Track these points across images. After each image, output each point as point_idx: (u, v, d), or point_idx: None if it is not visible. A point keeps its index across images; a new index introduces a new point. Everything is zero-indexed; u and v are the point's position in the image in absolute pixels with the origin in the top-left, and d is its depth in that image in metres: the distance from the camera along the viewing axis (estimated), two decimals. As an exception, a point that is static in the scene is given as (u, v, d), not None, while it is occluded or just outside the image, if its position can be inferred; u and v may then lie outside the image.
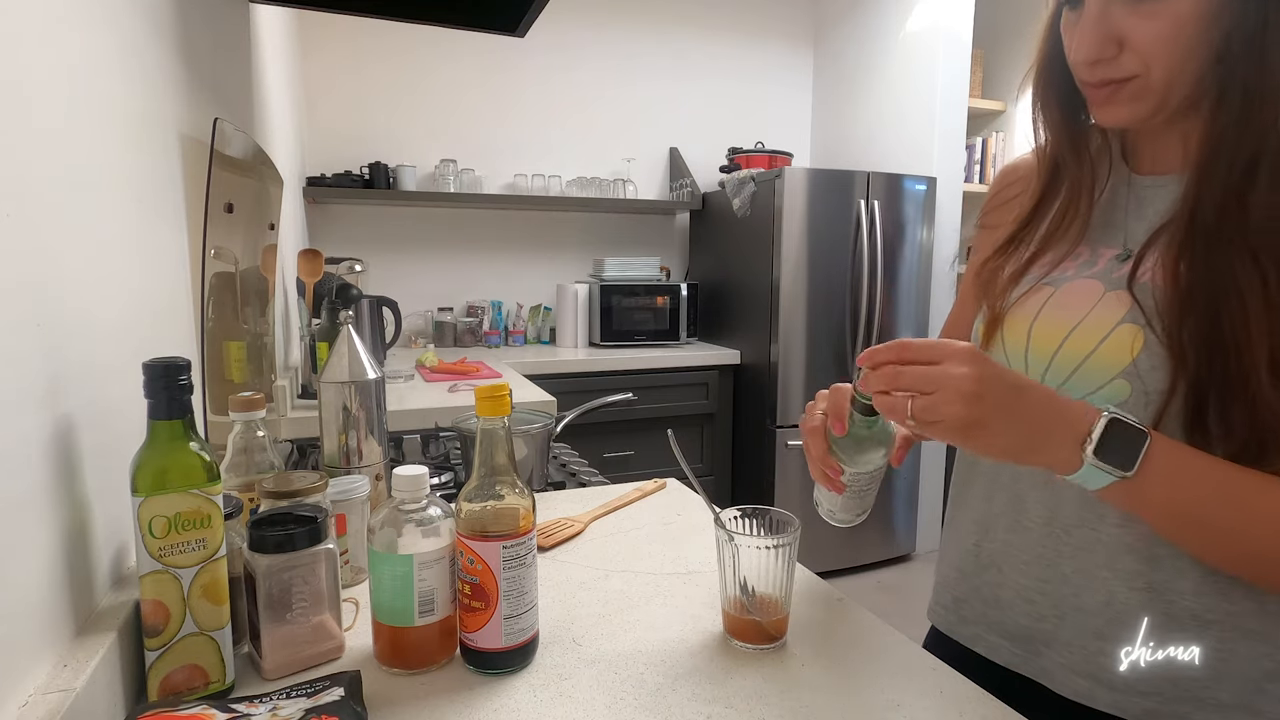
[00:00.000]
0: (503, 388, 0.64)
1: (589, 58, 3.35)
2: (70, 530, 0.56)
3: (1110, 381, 0.61)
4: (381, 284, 3.01)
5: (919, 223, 3.03)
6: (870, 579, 3.03)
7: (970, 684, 0.65)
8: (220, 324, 1.03)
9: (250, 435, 0.77)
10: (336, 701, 0.56)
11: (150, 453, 0.57)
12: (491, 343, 3.18)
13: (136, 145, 0.76)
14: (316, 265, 1.91)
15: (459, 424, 1.18)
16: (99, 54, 0.68)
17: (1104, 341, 0.62)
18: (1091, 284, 0.65)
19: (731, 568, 0.69)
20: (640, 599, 0.80)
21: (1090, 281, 0.65)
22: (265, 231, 1.37)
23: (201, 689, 0.60)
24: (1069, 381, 0.64)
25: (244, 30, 1.50)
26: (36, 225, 0.53)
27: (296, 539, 0.64)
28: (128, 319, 0.72)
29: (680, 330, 3.20)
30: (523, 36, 1.56)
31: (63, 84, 0.59)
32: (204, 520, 0.58)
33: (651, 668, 0.67)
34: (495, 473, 0.65)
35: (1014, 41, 3.75)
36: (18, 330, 0.50)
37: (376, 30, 2.96)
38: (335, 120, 3.01)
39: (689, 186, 3.36)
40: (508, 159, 3.25)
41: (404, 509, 0.65)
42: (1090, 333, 0.63)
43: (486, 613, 0.64)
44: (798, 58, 3.75)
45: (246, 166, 1.19)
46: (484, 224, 3.27)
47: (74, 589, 0.56)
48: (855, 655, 0.70)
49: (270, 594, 0.63)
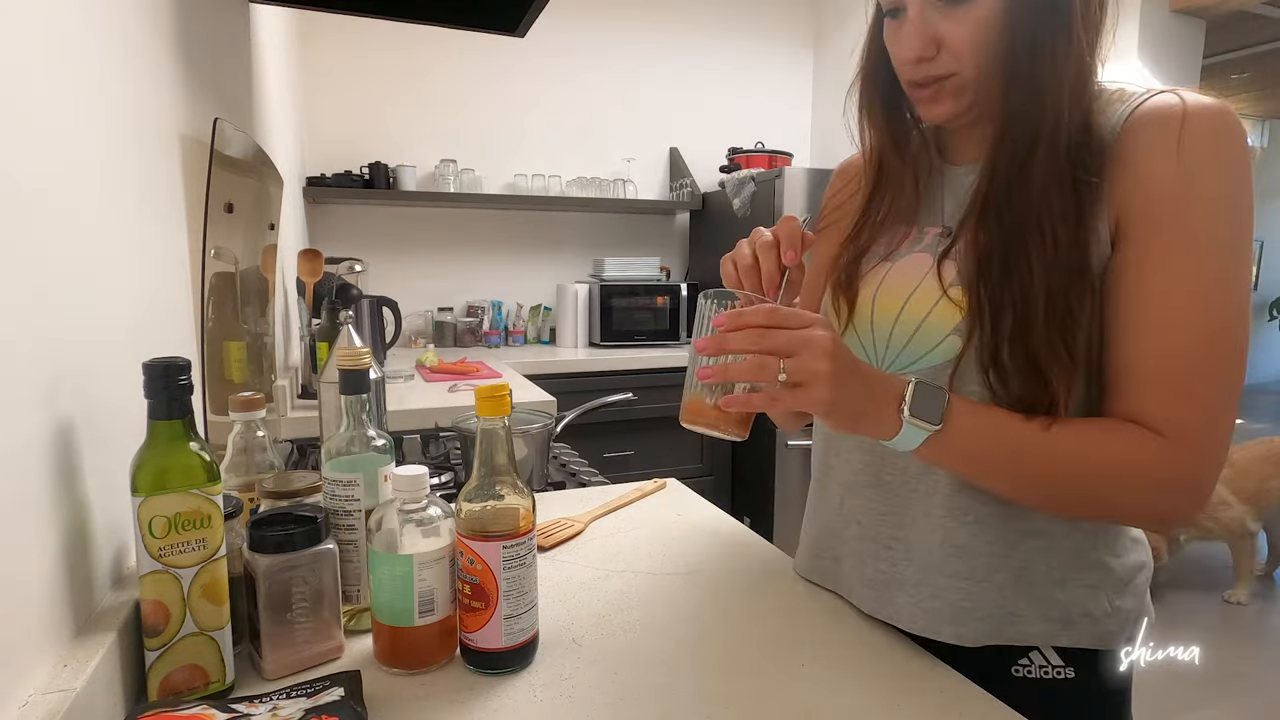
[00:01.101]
0: (503, 388, 0.64)
1: (589, 58, 3.35)
2: (70, 530, 0.56)
3: (945, 339, 0.69)
4: (381, 284, 3.01)
5: (919, 223, 3.03)
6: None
7: (971, 684, 0.65)
8: (220, 324, 1.03)
9: (250, 435, 0.77)
10: (336, 701, 0.56)
11: (150, 453, 0.57)
12: (491, 343, 3.18)
13: (136, 145, 0.76)
14: (316, 265, 1.91)
15: (459, 424, 1.18)
16: (99, 54, 0.68)
17: (936, 305, 0.70)
18: (922, 257, 0.74)
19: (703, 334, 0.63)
20: (640, 599, 0.80)
21: (921, 255, 0.74)
22: (265, 231, 1.37)
23: (201, 689, 0.60)
24: (912, 341, 0.72)
25: (244, 30, 1.50)
26: (36, 225, 0.53)
27: (296, 539, 0.64)
28: (128, 319, 0.72)
29: (680, 330, 3.19)
30: (523, 36, 1.56)
31: (62, 84, 0.59)
32: (204, 520, 0.58)
33: (651, 668, 0.67)
34: (495, 473, 0.65)
35: (1014, 41, 3.75)
36: (18, 330, 0.50)
37: (377, 30, 2.96)
38: (335, 120, 3.01)
39: (689, 186, 3.36)
40: (508, 159, 3.25)
41: (404, 509, 0.65)
42: (924, 299, 0.71)
43: (486, 613, 0.64)
44: (798, 58, 3.75)
45: (246, 166, 1.19)
46: (484, 224, 3.27)
47: (74, 589, 0.56)
48: (855, 655, 0.70)
49: (270, 594, 0.63)
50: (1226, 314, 0.61)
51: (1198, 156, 0.61)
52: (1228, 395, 0.62)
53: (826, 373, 0.58)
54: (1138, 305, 0.63)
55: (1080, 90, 0.65)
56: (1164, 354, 0.61)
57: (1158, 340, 0.62)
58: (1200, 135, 0.61)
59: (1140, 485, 0.62)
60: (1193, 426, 0.61)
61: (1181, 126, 0.62)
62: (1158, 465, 0.61)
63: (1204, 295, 0.61)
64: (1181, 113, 0.62)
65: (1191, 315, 0.61)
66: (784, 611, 0.78)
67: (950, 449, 0.63)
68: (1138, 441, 0.61)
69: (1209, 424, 0.61)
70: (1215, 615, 2.74)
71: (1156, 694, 2.23)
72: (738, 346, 0.59)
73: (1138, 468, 0.62)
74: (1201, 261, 0.61)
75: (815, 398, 0.58)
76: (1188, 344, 0.61)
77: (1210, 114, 0.62)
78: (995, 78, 0.66)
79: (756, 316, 0.59)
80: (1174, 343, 0.61)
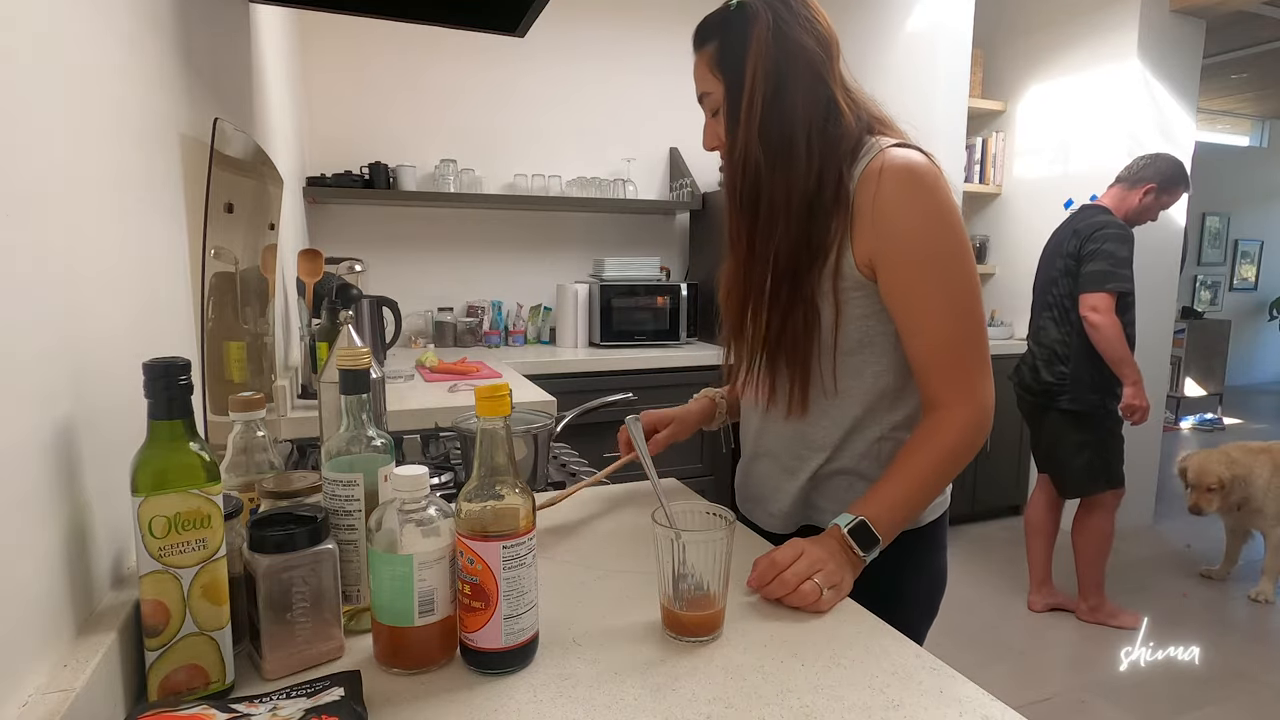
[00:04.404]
0: (503, 388, 0.64)
1: (589, 58, 3.35)
2: (70, 530, 0.56)
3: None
4: (381, 284, 3.01)
5: (919, 223, 3.03)
6: (870, 579, 3.03)
7: (970, 684, 0.65)
8: (220, 324, 1.03)
9: (250, 435, 0.77)
10: (336, 701, 0.56)
11: (150, 453, 0.57)
12: (491, 343, 3.18)
13: (136, 145, 0.76)
14: (316, 265, 1.91)
15: (459, 424, 1.18)
16: (99, 54, 0.68)
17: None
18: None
19: (671, 560, 0.72)
20: (640, 599, 0.80)
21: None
22: (265, 231, 1.37)
23: (201, 689, 0.60)
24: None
25: (244, 30, 1.50)
26: (36, 225, 0.53)
27: (296, 539, 0.64)
28: (128, 319, 0.72)
29: (680, 330, 3.19)
30: (522, 36, 1.56)
31: (63, 84, 0.59)
32: (204, 520, 0.58)
33: (651, 667, 0.67)
34: (495, 473, 0.65)
35: (1014, 41, 3.75)
36: (18, 331, 0.50)
37: (377, 30, 2.96)
38: (335, 120, 3.01)
39: (689, 186, 3.36)
40: (508, 159, 3.25)
41: (404, 509, 0.65)
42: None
43: (486, 613, 0.64)
44: (798, 58, 3.74)
45: (246, 166, 1.19)
46: (484, 224, 3.27)
47: (74, 589, 0.56)
48: (855, 655, 0.70)
49: (270, 594, 0.63)
50: (964, 303, 0.89)
51: (894, 205, 0.87)
52: (981, 354, 0.91)
53: (838, 570, 0.82)
54: (905, 316, 0.91)
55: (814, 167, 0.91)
56: (933, 348, 0.90)
57: (926, 339, 0.90)
58: (889, 188, 0.87)
59: (963, 444, 0.91)
60: (966, 388, 0.90)
61: (878, 183, 0.88)
62: (962, 429, 0.90)
63: (944, 298, 0.89)
64: (879, 169, 0.88)
65: (941, 315, 0.89)
66: (784, 611, 0.78)
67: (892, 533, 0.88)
68: (944, 425, 0.90)
69: (974, 381, 0.91)
70: (1215, 615, 2.74)
71: (1157, 694, 2.23)
72: (777, 595, 0.80)
73: (956, 438, 0.90)
74: (933, 275, 0.89)
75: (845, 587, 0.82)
76: (946, 335, 0.90)
77: (896, 168, 0.87)
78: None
79: (770, 575, 0.80)
80: (936, 337, 0.90)
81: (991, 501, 3.63)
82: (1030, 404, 2.65)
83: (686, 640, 0.71)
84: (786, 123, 0.89)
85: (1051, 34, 3.59)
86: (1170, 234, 3.46)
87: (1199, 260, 7.21)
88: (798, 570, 0.79)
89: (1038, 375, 2.58)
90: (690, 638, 0.71)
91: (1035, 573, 2.75)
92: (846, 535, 0.85)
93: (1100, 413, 2.50)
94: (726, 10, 0.92)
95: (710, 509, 0.78)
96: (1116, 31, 3.33)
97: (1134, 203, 2.52)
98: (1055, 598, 2.74)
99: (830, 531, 0.86)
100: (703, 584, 0.72)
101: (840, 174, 0.89)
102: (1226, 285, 7.42)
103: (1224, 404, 6.34)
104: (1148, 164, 2.53)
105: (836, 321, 0.93)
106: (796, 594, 0.78)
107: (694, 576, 0.71)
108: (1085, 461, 2.53)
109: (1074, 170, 3.51)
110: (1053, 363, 2.54)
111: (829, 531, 0.86)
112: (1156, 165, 2.51)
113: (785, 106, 0.89)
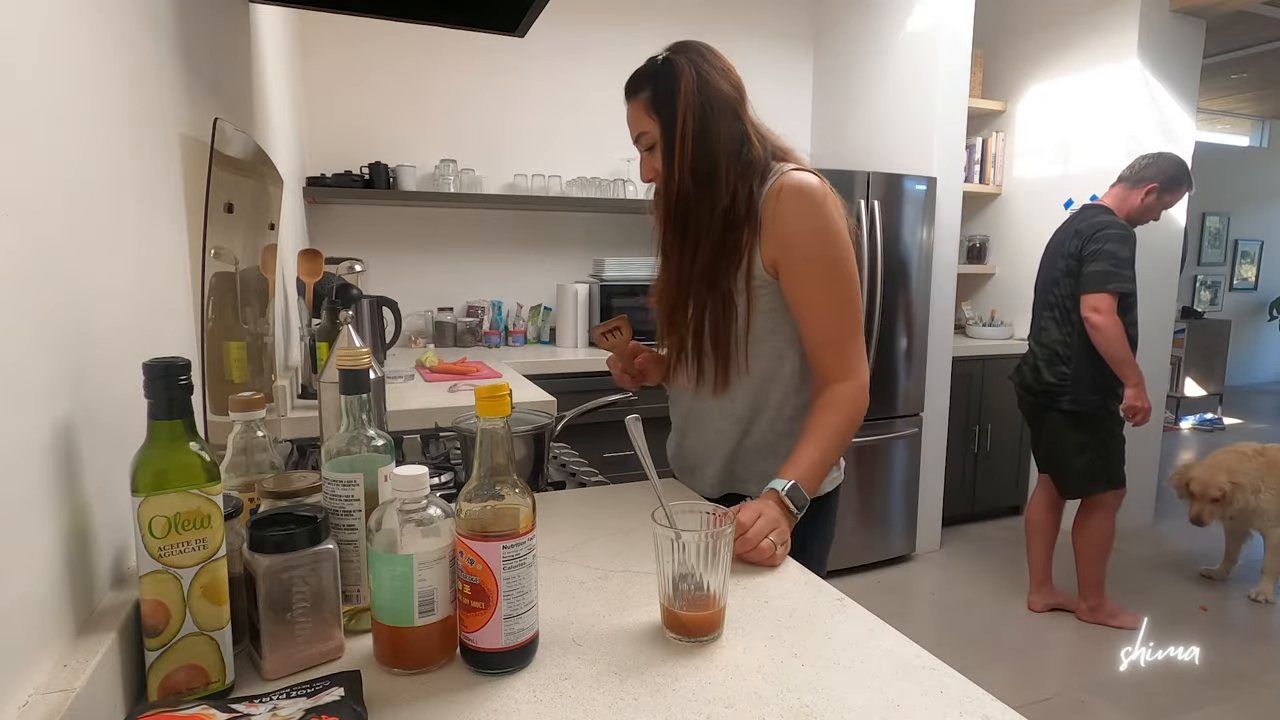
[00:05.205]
0: (503, 388, 0.64)
1: (589, 58, 3.35)
2: (70, 530, 0.56)
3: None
4: (381, 284, 3.01)
5: (919, 223, 3.03)
6: (870, 579, 3.03)
7: (970, 684, 0.65)
8: (220, 324, 1.03)
9: (250, 435, 0.77)
10: (336, 701, 0.56)
11: (150, 453, 0.57)
12: (491, 343, 3.18)
13: (136, 145, 0.76)
14: (316, 265, 1.91)
15: (459, 424, 1.18)
16: (99, 54, 0.68)
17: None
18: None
19: (671, 560, 0.72)
20: (640, 599, 0.80)
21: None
22: (265, 231, 1.37)
23: (201, 689, 0.60)
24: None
25: (244, 30, 1.50)
26: (36, 225, 0.53)
27: (296, 539, 0.64)
28: (128, 319, 0.72)
29: (680, 330, 3.19)
30: (522, 36, 1.56)
31: (63, 84, 0.59)
32: (204, 520, 0.58)
33: (651, 667, 0.67)
34: (495, 473, 0.65)
35: (1014, 41, 3.75)
36: (18, 331, 0.50)
37: (377, 30, 2.96)
38: (335, 120, 3.01)
39: (689, 186, 3.36)
40: (508, 159, 3.25)
41: (404, 509, 0.65)
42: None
43: (486, 613, 0.64)
44: (798, 58, 3.75)
45: (246, 166, 1.19)
46: (484, 224, 3.27)
47: (74, 589, 0.56)
48: (855, 655, 0.70)
49: (270, 594, 0.63)
50: (844, 296, 1.09)
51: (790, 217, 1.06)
52: (858, 341, 1.11)
53: (786, 528, 0.96)
54: (798, 307, 1.10)
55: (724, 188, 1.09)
56: (821, 332, 1.10)
57: (818, 330, 1.10)
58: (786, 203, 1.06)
59: (856, 413, 1.09)
60: (850, 366, 1.10)
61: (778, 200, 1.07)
62: (854, 399, 1.09)
63: (827, 293, 1.08)
64: (779, 188, 1.07)
65: (826, 307, 1.09)
66: (784, 611, 0.78)
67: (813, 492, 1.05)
68: (839, 397, 1.09)
69: (855, 362, 1.10)
70: (1215, 614, 2.74)
71: (1157, 694, 2.23)
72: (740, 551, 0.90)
73: (850, 407, 1.09)
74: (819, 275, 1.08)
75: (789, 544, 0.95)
76: (830, 323, 1.09)
77: (792, 187, 1.07)
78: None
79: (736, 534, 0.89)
80: (823, 325, 1.09)
81: (991, 501, 3.63)
82: (1031, 404, 2.65)
83: (686, 640, 0.71)
84: (711, 154, 1.08)
85: (1051, 34, 3.59)
86: (1170, 234, 3.46)
87: (1199, 260, 7.21)
88: (759, 529, 0.91)
89: (1039, 375, 2.58)
90: (690, 638, 0.71)
91: (1035, 573, 2.75)
92: (785, 498, 0.99)
93: (1101, 413, 2.50)
94: (655, 64, 1.10)
95: (710, 509, 0.78)
96: (1116, 31, 3.33)
97: (1136, 202, 2.52)
98: (1055, 598, 2.74)
99: (769, 495, 1.00)
100: (702, 584, 0.72)
101: (751, 193, 1.09)
102: (1226, 285, 7.42)
103: (1224, 404, 6.34)
104: (1150, 163, 2.52)
105: (749, 313, 1.12)
106: (757, 551, 0.90)
107: (694, 576, 0.71)
108: (1086, 462, 2.53)
109: (1074, 170, 3.51)
110: (1054, 363, 2.54)
111: (768, 495, 1.00)
112: (1159, 165, 2.51)
113: (710, 141, 1.07)
